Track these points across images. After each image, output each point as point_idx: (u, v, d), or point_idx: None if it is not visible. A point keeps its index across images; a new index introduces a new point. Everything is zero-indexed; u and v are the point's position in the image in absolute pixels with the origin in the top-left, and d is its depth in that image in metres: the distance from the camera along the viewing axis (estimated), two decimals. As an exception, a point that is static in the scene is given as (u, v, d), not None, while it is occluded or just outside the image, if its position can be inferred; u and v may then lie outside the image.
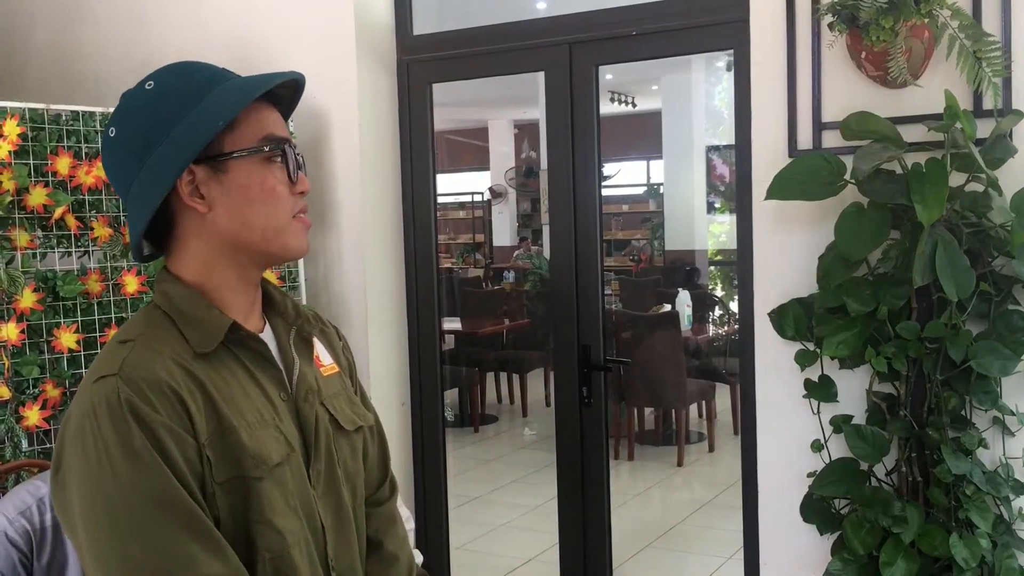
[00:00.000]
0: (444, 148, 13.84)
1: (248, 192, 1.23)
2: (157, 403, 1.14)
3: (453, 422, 7.06)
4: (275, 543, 1.19)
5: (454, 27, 3.40)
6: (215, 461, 1.16)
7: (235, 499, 1.18)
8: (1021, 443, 2.39)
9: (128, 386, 1.13)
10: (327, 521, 1.29)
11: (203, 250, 1.25)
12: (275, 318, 1.35)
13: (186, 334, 1.22)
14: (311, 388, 1.32)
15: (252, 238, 1.24)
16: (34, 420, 2.69)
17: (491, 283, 10.04)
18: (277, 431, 1.24)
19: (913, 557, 2.31)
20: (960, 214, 2.30)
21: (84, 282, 2.82)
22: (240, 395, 1.22)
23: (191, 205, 1.22)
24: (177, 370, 1.18)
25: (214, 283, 1.26)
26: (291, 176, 1.26)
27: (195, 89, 1.23)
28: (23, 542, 2.07)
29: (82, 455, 1.13)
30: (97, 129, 2.90)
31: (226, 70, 1.29)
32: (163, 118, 1.21)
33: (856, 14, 2.31)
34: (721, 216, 10.44)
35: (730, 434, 6.37)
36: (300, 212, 1.29)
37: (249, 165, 1.23)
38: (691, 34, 2.96)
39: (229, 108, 1.20)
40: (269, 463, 1.20)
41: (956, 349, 2.29)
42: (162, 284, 1.27)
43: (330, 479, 1.31)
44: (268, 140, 1.25)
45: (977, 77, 2.26)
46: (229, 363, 1.24)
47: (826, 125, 2.57)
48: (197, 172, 1.22)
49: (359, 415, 1.41)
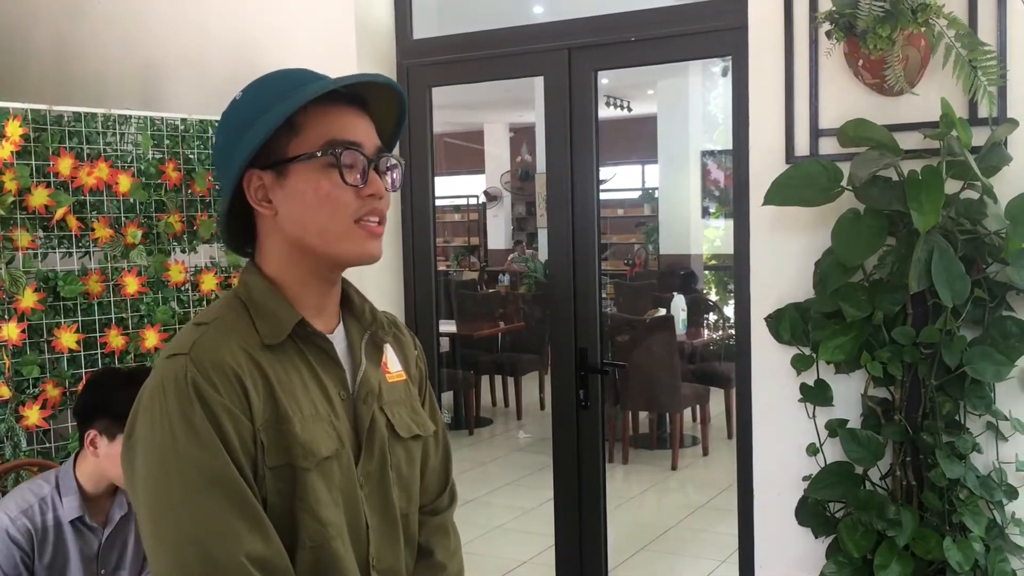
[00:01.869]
0: (440, 150, 13.84)
1: (304, 197, 1.25)
2: (220, 384, 1.19)
3: (448, 424, 7.06)
4: (317, 532, 1.23)
5: (454, 31, 3.42)
6: (268, 446, 1.21)
7: (284, 485, 1.22)
8: (1014, 448, 2.41)
9: (195, 366, 1.19)
10: (372, 521, 1.32)
11: (277, 249, 1.30)
12: (351, 319, 1.38)
13: (258, 324, 1.27)
14: (372, 391, 1.34)
15: (312, 242, 1.27)
16: (34, 420, 2.70)
17: (486, 286, 10.05)
18: (330, 426, 1.27)
19: (907, 560, 2.33)
20: (955, 221, 2.32)
21: (85, 282, 2.83)
22: (299, 388, 1.26)
23: (257, 208, 1.28)
24: (243, 356, 1.23)
25: (289, 280, 1.30)
26: (347, 181, 1.25)
27: (270, 96, 1.26)
28: (25, 541, 2.08)
29: (149, 425, 1.20)
30: (99, 131, 2.92)
31: (316, 74, 1.30)
32: (239, 126, 1.26)
33: (854, 22, 2.33)
34: (716, 221, 10.47)
35: (724, 438, 6.39)
36: (368, 216, 1.27)
37: (307, 170, 1.25)
38: (690, 40, 2.98)
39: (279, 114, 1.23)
40: (318, 455, 1.24)
41: (951, 354, 2.32)
42: (245, 275, 1.32)
43: (380, 481, 1.34)
44: (329, 144, 1.25)
45: (973, 85, 2.29)
46: (293, 357, 1.28)
47: (823, 132, 2.59)
48: (264, 177, 1.26)
49: (419, 424, 1.43)
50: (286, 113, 1.23)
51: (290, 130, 1.25)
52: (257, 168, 1.26)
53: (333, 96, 1.27)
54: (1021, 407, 2.41)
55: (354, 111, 1.29)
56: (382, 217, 1.29)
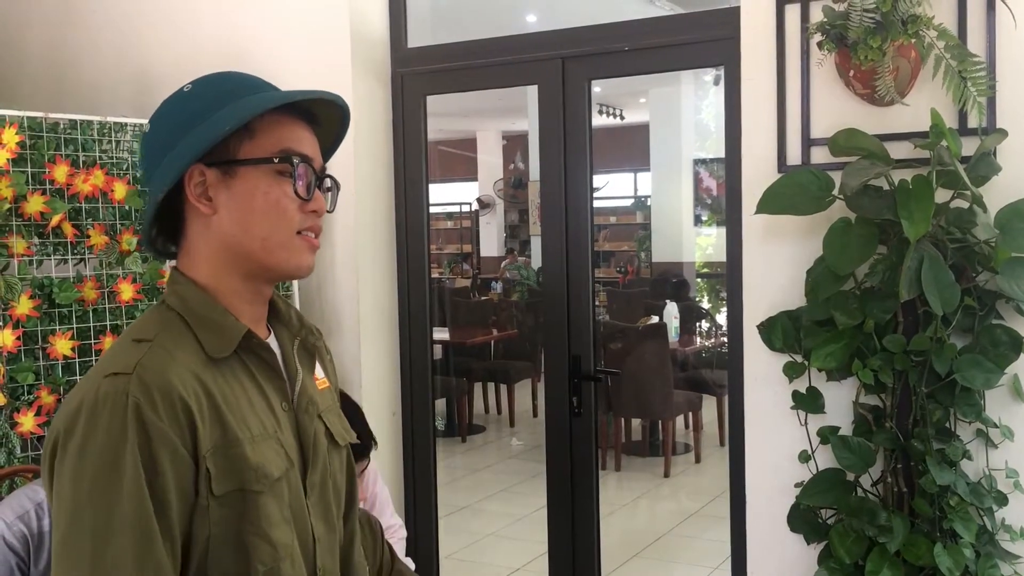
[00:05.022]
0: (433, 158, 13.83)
1: (252, 201, 1.24)
2: (164, 412, 1.13)
3: (441, 432, 7.08)
4: (268, 556, 1.20)
5: (448, 40, 3.44)
6: (216, 474, 1.16)
7: (231, 512, 1.18)
8: (1004, 455, 2.43)
9: (139, 390, 1.13)
10: (318, 531, 1.31)
11: (210, 252, 1.26)
12: (280, 327, 1.36)
13: (201, 338, 1.22)
14: (311, 400, 1.33)
15: (252, 247, 1.24)
16: (29, 426, 2.70)
17: (479, 293, 10.06)
18: (278, 444, 1.24)
19: (898, 566, 2.35)
20: (945, 230, 2.34)
21: (80, 289, 2.84)
22: (246, 405, 1.23)
23: (196, 205, 1.24)
24: (190, 378, 1.18)
25: (224, 288, 1.26)
26: (298, 192, 1.25)
27: (224, 95, 1.25)
28: (20, 546, 2.08)
29: (77, 451, 1.13)
30: (95, 138, 2.93)
31: (268, 83, 1.31)
32: (187, 119, 1.24)
33: (845, 33, 2.36)
34: (708, 229, 10.49)
35: (716, 445, 6.41)
36: (309, 230, 1.28)
37: (258, 175, 1.24)
38: (682, 50, 3.01)
39: (241, 115, 1.22)
40: (271, 477, 1.21)
41: (941, 362, 2.34)
42: (175, 285, 1.27)
43: (323, 491, 1.33)
44: (283, 153, 1.25)
45: (962, 96, 2.31)
46: (238, 371, 1.24)
47: (815, 141, 2.61)
48: (208, 174, 1.24)
49: (347, 430, 1.42)
50: (255, 111, 1.22)
51: (246, 132, 1.24)
52: (202, 164, 1.23)
53: (288, 107, 1.27)
54: (1011, 414, 2.43)
55: (305, 125, 1.30)
56: (318, 233, 1.30)
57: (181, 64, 3.60)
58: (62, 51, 3.94)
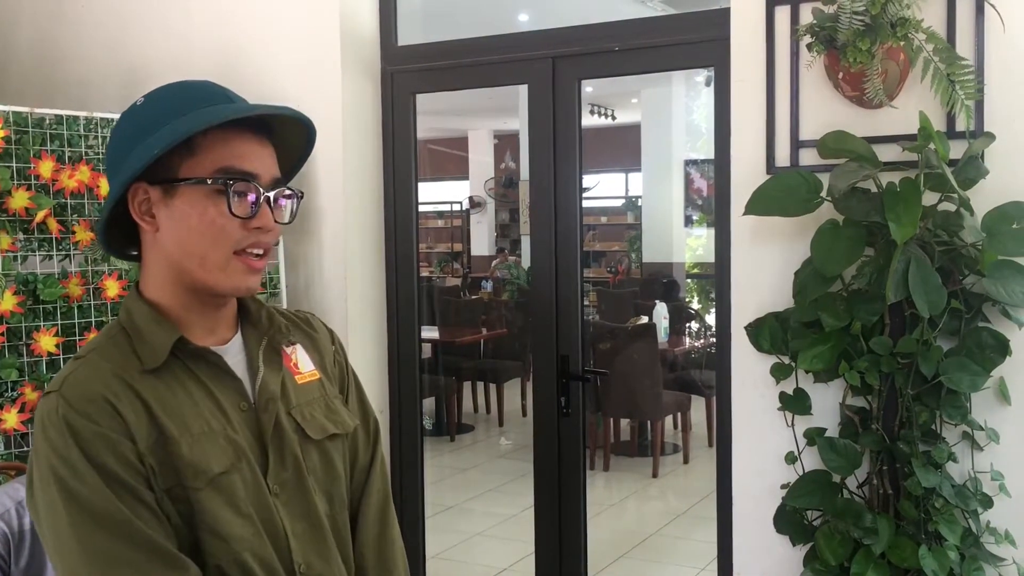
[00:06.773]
0: (424, 157, 13.84)
1: (189, 221, 1.24)
2: (93, 413, 1.18)
3: (430, 431, 7.07)
4: (219, 549, 1.22)
5: (439, 39, 3.43)
6: (157, 470, 1.20)
7: (181, 506, 1.21)
8: (989, 457, 2.44)
9: (65, 402, 1.19)
10: (295, 528, 1.30)
11: (158, 267, 1.28)
12: (248, 328, 1.36)
13: (137, 349, 1.26)
14: (272, 397, 1.32)
15: (190, 265, 1.25)
16: (12, 423, 2.69)
17: (469, 292, 10.05)
18: (225, 441, 1.25)
19: (883, 568, 2.35)
20: (933, 233, 2.35)
21: (65, 285, 2.82)
22: (188, 406, 1.24)
23: (139, 222, 1.26)
24: (118, 384, 1.22)
25: (174, 304, 1.29)
26: (234, 212, 1.23)
27: (170, 111, 1.24)
28: (1, 545, 2.06)
29: (37, 469, 1.20)
30: (81, 134, 2.91)
31: (227, 94, 1.28)
32: (132, 135, 1.25)
33: (834, 35, 2.36)
34: (698, 229, 10.51)
35: (704, 446, 6.42)
36: (251, 248, 1.26)
37: (196, 194, 1.23)
38: (673, 51, 3.00)
39: (176, 134, 1.21)
40: (209, 473, 1.22)
41: (927, 365, 2.34)
42: (128, 301, 1.31)
43: (299, 487, 1.32)
44: (222, 172, 1.23)
45: (951, 99, 2.31)
46: (181, 377, 1.26)
47: (804, 143, 2.61)
48: (151, 192, 1.24)
49: (336, 422, 1.40)
50: (183, 134, 1.21)
51: (186, 150, 1.22)
52: (145, 181, 1.24)
53: (239, 121, 1.25)
54: (996, 417, 2.44)
55: (255, 139, 1.27)
56: (267, 250, 1.29)
57: (170, 62, 3.58)
58: (50, 47, 3.92)
